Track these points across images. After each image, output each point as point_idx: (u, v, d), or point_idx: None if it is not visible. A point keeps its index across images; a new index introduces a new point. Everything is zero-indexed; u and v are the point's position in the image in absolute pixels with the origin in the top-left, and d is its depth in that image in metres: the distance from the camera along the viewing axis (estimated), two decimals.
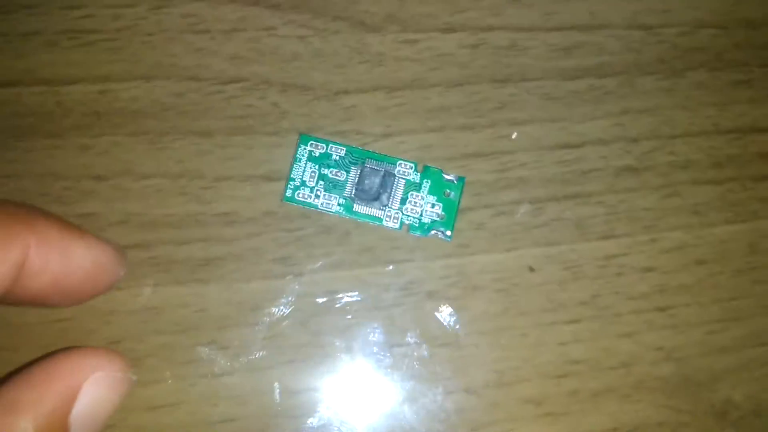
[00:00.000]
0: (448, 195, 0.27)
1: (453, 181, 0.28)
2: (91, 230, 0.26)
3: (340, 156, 0.28)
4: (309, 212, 0.27)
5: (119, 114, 0.28)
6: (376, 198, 0.27)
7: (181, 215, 0.27)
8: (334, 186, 0.27)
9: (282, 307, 0.27)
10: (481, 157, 0.28)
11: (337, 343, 0.26)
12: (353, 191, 0.27)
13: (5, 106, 0.28)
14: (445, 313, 0.27)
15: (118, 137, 0.28)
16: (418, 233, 0.27)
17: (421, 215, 0.27)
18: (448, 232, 0.27)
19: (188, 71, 0.28)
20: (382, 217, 0.27)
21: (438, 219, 0.27)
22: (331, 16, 0.29)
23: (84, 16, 0.29)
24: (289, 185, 0.27)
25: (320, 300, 0.27)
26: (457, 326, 0.27)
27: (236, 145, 0.28)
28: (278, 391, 0.26)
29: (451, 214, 0.27)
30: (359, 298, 0.27)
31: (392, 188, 0.27)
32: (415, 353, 0.27)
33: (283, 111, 0.28)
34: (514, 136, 0.28)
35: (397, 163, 0.28)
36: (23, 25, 0.29)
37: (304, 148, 0.28)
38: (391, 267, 0.27)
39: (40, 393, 0.19)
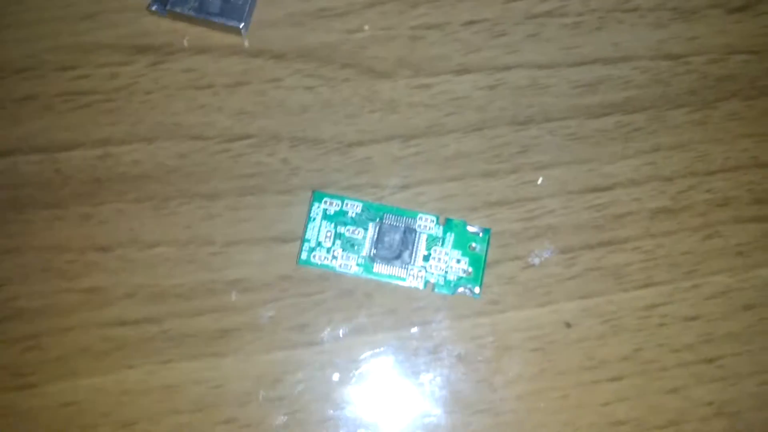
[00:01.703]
0: (474, 249, 0.26)
1: (478, 234, 0.26)
2: (97, 305, 0.25)
3: (356, 212, 0.26)
4: (327, 274, 0.26)
5: (121, 179, 0.27)
6: (398, 256, 0.25)
7: (192, 285, 0.26)
8: (352, 245, 0.26)
9: (303, 379, 0.25)
10: (506, 205, 0.26)
11: (364, 417, 0.25)
12: (373, 250, 0.25)
13: (2, 177, 0.27)
14: (477, 377, 0.25)
15: (121, 204, 0.26)
16: (444, 292, 0.25)
17: (447, 272, 0.26)
18: (477, 289, 0.25)
19: (192, 130, 0.27)
20: (404, 276, 0.25)
21: (464, 275, 0.26)
22: (339, 63, 0.28)
23: (79, 77, 0.27)
24: (304, 247, 0.26)
25: (343, 369, 0.25)
26: (493, 391, 0.25)
27: (246, 207, 0.26)
28: None
29: (479, 269, 0.26)
30: (385, 365, 0.25)
31: (414, 245, 0.26)
32: (449, 423, 0.25)
33: (293, 167, 0.27)
34: (539, 182, 0.27)
35: (418, 217, 0.26)
36: (17, 90, 0.27)
37: (318, 206, 0.26)
38: (417, 329, 0.25)
39: None
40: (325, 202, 0.26)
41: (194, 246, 0.26)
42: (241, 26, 0.27)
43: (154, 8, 0.27)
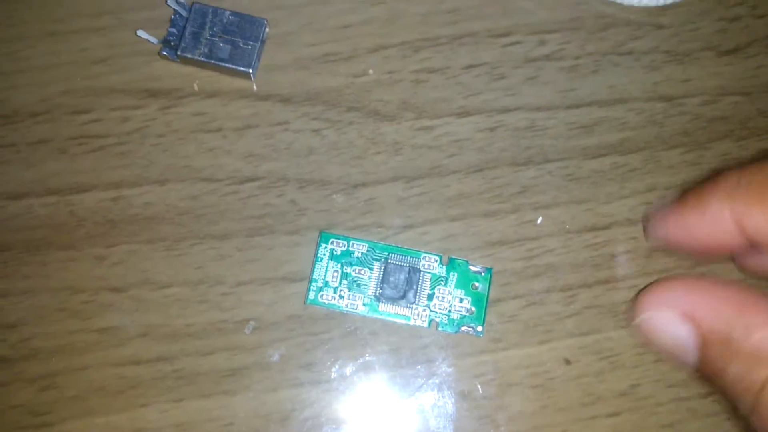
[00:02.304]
0: (476, 288, 0.27)
1: (480, 273, 0.27)
2: (111, 345, 0.26)
3: (362, 252, 0.27)
4: (334, 313, 0.27)
5: (134, 221, 0.27)
6: (403, 296, 0.26)
7: (203, 324, 0.26)
8: (358, 285, 0.27)
9: (311, 417, 0.26)
10: (507, 244, 0.27)
11: None
12: (378, 290, 0.26)
13: (17, 219, 0.27)
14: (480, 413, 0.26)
15: (133, 245, 0.27)
16: (448, 330, 0.26)
17: (450, 311, 0.26)
18: (479, 328, 0.26)
19: (202, 172, 0.28)
20: (409, 315, 0.26)
21: (467, 314, 0.26)
22: (344, 106, 0.29)
23: (92, 121, 0.28)
24: (311, 287, 0.27)
25: (350, 407, 0.26)
26: (496, 427, 0.26)
27: (255, 247, 0.27)
28: None
29: (481, 308, 0.26)
30: (391, 402, 0.26)
31: (418, 284, 0.27)
32: None
33: (301, 208, 0.28)
34: (539, 221, 0.28)
35: (422, 257, 0.27)
36: (31, 133, 0.28)
37: (325, 247, 0.27)
38: (421, 367, 0.26)
39: None
40: (332, 243, 0.27)
41: (205, 286, 0.27)
42: (250, 71, 0.28)
43: (165, 53, 0.28)
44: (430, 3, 0.30)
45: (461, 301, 0.27)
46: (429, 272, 0.27)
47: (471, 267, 0.27)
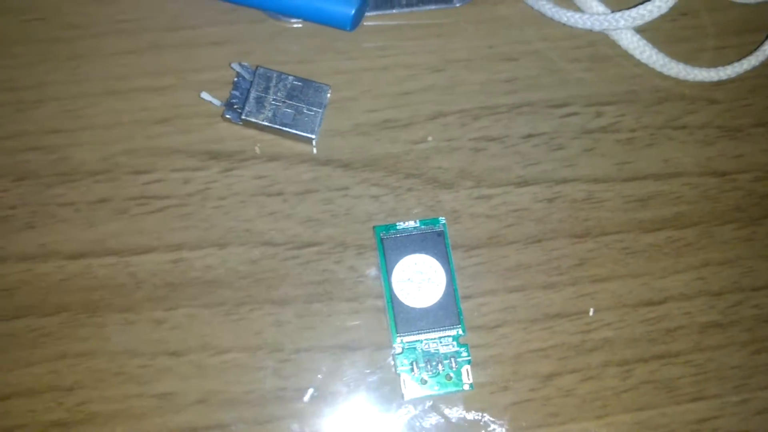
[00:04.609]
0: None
1: None
2: (169, 411, 0.26)
3: None
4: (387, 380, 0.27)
5: (193, 284, 0.27)
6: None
7: (261, 392, 0.26)
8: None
9: None
10: (565, 317, 0.28)
11: None
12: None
13: (75, 280, 0.27)
14: None
15: (193, 309, 0.27)
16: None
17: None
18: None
19: (263, 236, 0.28)
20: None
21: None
22: (403, 173, 0.29)
23: (153, 181, 0.28)
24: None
25: None
26: None
27: (314, 314, 0.27)
28: None
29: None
30: None
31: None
32: None
33: (360, 275, 0.28)
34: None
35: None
36: (91, 192, 0.28)
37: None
38: None
39: None
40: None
41: (264, 352, 0.27)
42: (312, 137, 0.28)
43: (228, 116, 0.28)
44: (488, 72, 0.30)
45: None
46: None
47: None
